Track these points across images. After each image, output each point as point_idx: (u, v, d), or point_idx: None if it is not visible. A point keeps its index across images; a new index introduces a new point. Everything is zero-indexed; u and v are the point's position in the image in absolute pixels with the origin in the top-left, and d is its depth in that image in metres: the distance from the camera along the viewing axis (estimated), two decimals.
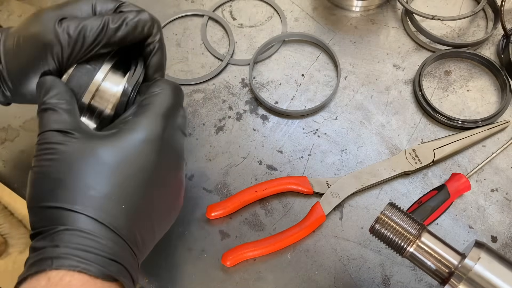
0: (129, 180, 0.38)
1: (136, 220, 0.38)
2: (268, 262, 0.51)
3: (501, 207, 0.53)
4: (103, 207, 0.36)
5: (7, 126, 0.61)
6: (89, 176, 0.37)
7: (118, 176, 0.38)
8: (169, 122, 0.42)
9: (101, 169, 0.37)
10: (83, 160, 0.37)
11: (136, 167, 0.39)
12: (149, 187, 0.39)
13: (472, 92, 0.61)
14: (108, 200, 0.37)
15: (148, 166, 0.39)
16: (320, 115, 0.60)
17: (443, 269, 0.39)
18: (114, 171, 0.38)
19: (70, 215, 0.35)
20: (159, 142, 0.40)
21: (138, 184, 0.38)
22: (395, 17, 0.67)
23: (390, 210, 0.41)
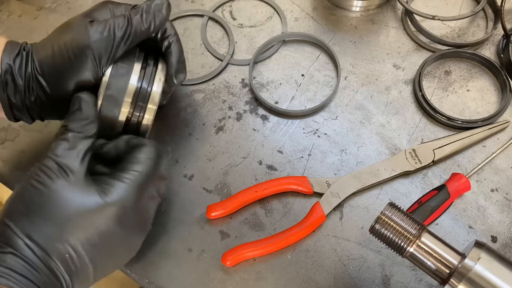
0: (82, 238, 0.40)
1: (73, 272, 0.41)
2: (268, 262, 0.51)
3: (501, 207, 0.53)
4: (49, 248, 0.39)
5: (7, 126, 0.61)
6: (52, 218, 0.40)
7: (75, 231, 0.40)
8: (145, 193, 0.44)
9: (63, 218, 0.40)
10: (54, 203, 0.40)
11: (94, 230, 0.41)
12: (98, 252, 0.42)
13: (472, 92, 0.61)
14: (56, 243, 0.40)
15: (106, 235, 0.42)
16: (320, 115, 0.60)
17: (443, 269, 0.39)
18: (74, 225, 0.40)
19: (21, 244, 0.39)
20: (129, 213, 0.43)
21: (89, 245, 0.41)
22: (395, 17, 0.67)
23: (390, 210, 0.42)
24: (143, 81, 0.48)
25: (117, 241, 0.43)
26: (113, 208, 0.42)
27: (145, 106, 0.48)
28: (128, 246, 0.46)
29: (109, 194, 0.42)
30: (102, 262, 0.43)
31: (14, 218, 0.40)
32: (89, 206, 0.41)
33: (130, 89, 0.47)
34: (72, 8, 0.70)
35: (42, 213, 0.40)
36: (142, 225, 0.46)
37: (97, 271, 0.43)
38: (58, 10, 0.70)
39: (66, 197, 0.41)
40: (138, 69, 0.48)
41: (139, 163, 0.44)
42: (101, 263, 0.43)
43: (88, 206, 0.41)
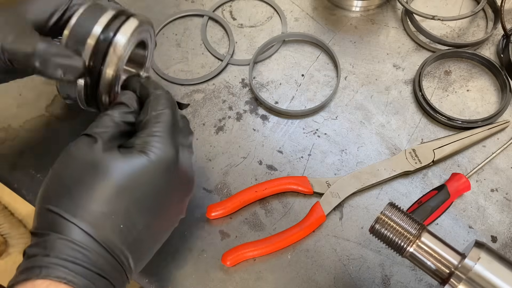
0: (133, 203, 0.38)
1: (131, 243, 0.38)
2: (268, 262, 0.51)
3: (501, 207, 0.54)
4: (100, 224, 0.37)
5: (7, 126, 0.61)
6: (96, 192, 0.37)
7: (124, 197, 0.38)
8: (178, 142, 0.42)
9: (109, 188, 0.38)
10: (95, 175, 0.38)
11: (143, 193, 0.39)
12: (151, 214, 0.40)
13: (472, 92, 0.61)
14: (107, 218, 0.37)
15: (155, 193, 0.40)
16: (320, 115, 0.60)
17: (443, 269, 0.39)
18: (121, 192, 0.38)
19: (67, 225, 0.36)
20: (172, 168, 0.41)
21: (141, 209, 0.39)
22: (395, 17, 0.67)
23: (390, 210, 0.41)
24: (108, 30, 0.43)
25: (168, 200, 0.41)
26: (158, 164, 0.39)
27: (105, 56, 0.43)
28: (178, 205, 0.43)
29: (148, 151, 0.39)
30: (157, 227, 0.41)
31: (54, 200, 0.37)
32: (133, 170, 0.38)
33: (92, 34, 0.43)
34: None
35: (84, 188, 0.37)
36: (186, 182, 0.44)
37: (153, 238, 0.41)
38: None
39: (106, 165, 0.38)
40: (105, 20, 0.44)
41: (159, 113, 0.42)
42: (156, 228, 0.41)
43: (132, 170, 0.38)
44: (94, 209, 0.37)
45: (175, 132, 0.42)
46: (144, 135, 0.41)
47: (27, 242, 1.60)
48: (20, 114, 0.62)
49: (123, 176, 0.38)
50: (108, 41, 0.43)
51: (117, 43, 0.43)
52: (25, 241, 1.53)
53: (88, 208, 0.37)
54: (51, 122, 0.61)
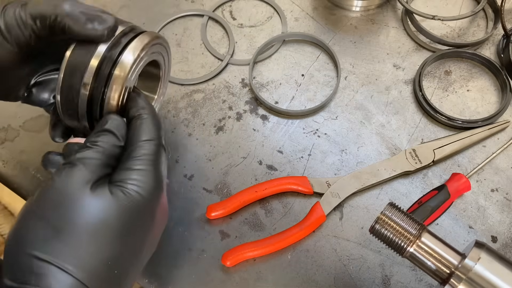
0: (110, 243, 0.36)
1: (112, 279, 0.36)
2: (268, 262, 0.51)
3: (501, 207, 0.53)
4: (87, 267, 0.34)
5: (7, 126, 0.61)
6: (80, 234, 0.35)
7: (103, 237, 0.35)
8: (162, 176, 0.40)
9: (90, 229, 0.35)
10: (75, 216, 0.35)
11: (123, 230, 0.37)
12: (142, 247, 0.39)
13: (472, 92, 0.61)
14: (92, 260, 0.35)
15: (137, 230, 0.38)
16: (320, 115, 0.60)
17: (443, 269, 0.39)
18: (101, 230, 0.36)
19: (59, 273, 0.33)
20: (152, 206, 0.39)
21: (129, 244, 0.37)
22: (395, 17, 0.67)
23: (390, 210, 0.41)
24: (111, 50, 0.40)
25: (149, 235, 0.39)
26: (141, 202, 0.37)
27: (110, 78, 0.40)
28: (157, 238, 0.42)
29: (125, 189, 0.37)
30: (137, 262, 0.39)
31: (36, 245, 0.34)
32: (117, 208, 0.36)
33: (92, 64, 0.40)
34: None
35: (69, 229, 0.34)
36: (164, 213, 0.42)
37: (129, 276, 0.38)
38: None
39: (86, 204, 0.35)
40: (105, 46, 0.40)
41: (142, 143, 0.39)
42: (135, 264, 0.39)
43: (116, 209, 0.36)
44: (79, 253, 0.34)
45: (158, 164, 0.39)
46: (124, 169, 0.38)
47: None
48: (20, 114, 0.62)
49: (103, 215, 0.36)
50: (113, 60, 0.40)
51: (123, 62, 0.40)
52: None
53: (72, 253, 0.34)
54: None
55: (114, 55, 0.40)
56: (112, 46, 0.41)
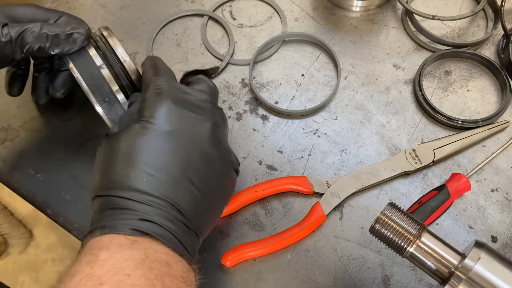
0: (161, 158, 0.41)
1: (172, 187, 0.40)
2: (268, 262, 0.51)
3: (501, 207, 0.53)
4: (140, 183, 0.39)
5: (7, 126, 0.61)
6: (128, 165, 0.41)
7: (154, 158, 0.41)
8: (178, 97, 0.44)
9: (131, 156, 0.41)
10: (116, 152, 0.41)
11: (168, 145, 0.41)
12: (181, 159, 0.41)
13: (472, 92, 0.61)
14: (144, 177, 0.40)
15: (177, 140, 0.42)
16: (320, 115, 0.60)
17: (443, 269, 0.39)
18: (150, 155, 0.41)
19: (122, 196, 0.39)
20: (177, 116, 0.43)
21: (170, 160, 0.41)
22: (395, 17, 0.67)
23: (390, 210, 0.41)
24: (107, 57, 0.50)
25: (217, 158, 0.43)
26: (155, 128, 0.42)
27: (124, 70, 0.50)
28: (227, 164, 0.45)
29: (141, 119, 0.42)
30: (211, 188, 0.43)
31: (113, 187, 0.40)
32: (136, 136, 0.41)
33: (104, 71, 0.49)
34: (72, 8, 0.69)
35: (120, 166, 0.40)
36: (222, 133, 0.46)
37: (207, 199, 0.42)
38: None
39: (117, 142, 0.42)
40: (94, 52, 0.49)
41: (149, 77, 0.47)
42: (210, 189, 0.42)
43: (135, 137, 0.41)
44: (128, 178, 0.39)
45: (169, 85, 0.45)
46: (146, 101, 0.44)
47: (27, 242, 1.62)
48: (20, 114, 0.62)
49: (135, 144, 0.41)
50: (115, 60, 0.50)
51: (124, 57, 0.50)
52: (25, 241, 1.53)
53: (124, 180, 0.40)
54: (51, 122, 0.61)
55: (110, 52, 0.50)
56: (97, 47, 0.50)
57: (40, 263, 1.49)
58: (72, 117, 0.61)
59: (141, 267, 0.35)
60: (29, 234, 1.53)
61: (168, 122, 0.42)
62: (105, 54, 0.50)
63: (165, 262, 0.36)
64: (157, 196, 0.39)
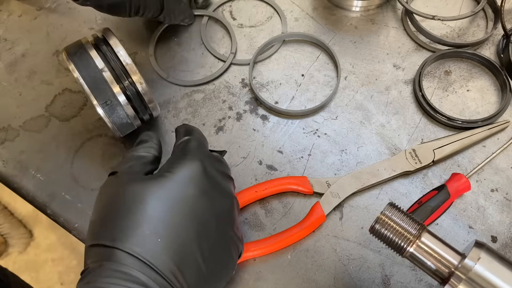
0: (169, 217, 0.38)
1: (180, 258, 0.37)
2: (268, 262, 0.51)
3: (501, 207, 0.54)
4: (142, 243, 0.36)
5: (7, 126, 0.61)
6: (132, 216, 0.37)
7: (157, 215, 0.37)
8: (208, 162, 0.42)
9: (140, 209, 0.37)
10: (121, 202, 0.38)
11: (176, 205, 0.38)
12: (193, 225, 0.38)
13: (472, 92, 0.61)
14: (148, 238, 0.36)
15: (189, 204, 0.39)
16: (320, 115, 0.60)
17: (443, 269, 0.39)
18: (153, 210, 0.37)
19: (113, 252, 0.36)
20: (200, 176, 0.40)
21: (184, 224, 0.38)
22: (395, 17, 0.67)
23: (390, 210, 0.41)
24: (108, 59, 0.50)
25: (208, 212, 0.40)
26: (183, 175, 0.39)
27: (127, 74, 0.50)
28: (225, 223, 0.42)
29: (171, 169, 0.40)
30: (206, 243, 0.39)
31: (93, 237, 0.37)
32: (158, 186, 0.38)
33: (102, 69, 0.49)
34: (72, 8, 0.70)
35: (119, 216, 0.37)
36: (221, 191, 0.42)
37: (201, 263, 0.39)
38: (58, 10, 0.70)
39: (131, 190, 0.38)
40: (95, 53, 0.50)
41: (182, 140, 0.45)
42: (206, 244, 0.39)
43: (157, 187, 0.38)
44: (134, 233, 0.36)
45: (199, 148, 0.44)
46: (169, 160, 0.42)
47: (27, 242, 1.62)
48: (20, 114, 0.62)
49: (147, 195, 0.38)
50: (117, 62, 0.50)
51: (125, 59, 0.50)
52: (25, 241, 1.53)
53: (128, 233, 0.36)
54: (51, 122, 0.61)
55: (111, 54, 0.50)
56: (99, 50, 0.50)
57: (40, 263, 1.49)
58: (72, 117, 0.61)
59: None
60: (29, 234, 1.53)
61: (191, 184, 0.39)
62: (107, 56, 0.50)
63: None
64: (157, 269, 0.36)
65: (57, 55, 0.66)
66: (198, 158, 0.41)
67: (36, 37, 0.67)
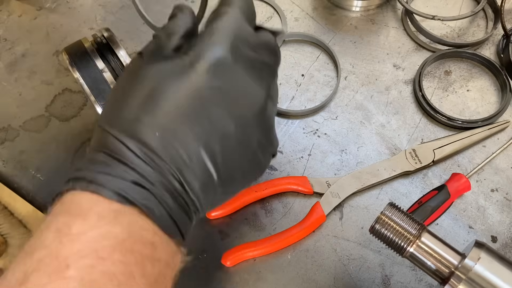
0: (178, 109, 0.33)
1: (178, 156, 0.32)
2: (268, 262, 0.51)
3: (501, 207, 0.53)
4: (144, 137, 0.32)
5: (7, 126, 0.61)
6: (136, 100, 0.33)
7: (168, 103, 0.33)
8: (241, 47, 0.35)
9: (149, 94, 0.33)
10: (136, 84, 0.34)
11: (189, 97, 0.33)
12: (206, 126, 0.33)
13: (472, 92, 0.61)
14: (149, 129, 0.32)
15: (209, 100, 0.33)
16: (320, 115, 0.60)
17: (443, 269, 0.39)
18: (165, 97, 0.33)
19: (116, 142, 0.32)
20: (228, 72, 0.34)
21: (187, 117, 0.33)
22: (395, 17, 0.67)
23: (390, 210, 0.41)
24: (109, 60, 0.50)
25: (255, 140, 0.35)
26: (201, 63, 0.33)
27: None
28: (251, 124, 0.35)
29: (191, 51, 0.34)
30: (228, 162, 0.34)
31: (113, 123, 0.33)
32: (172, 71, 0.33)
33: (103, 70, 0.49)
34: (72, 8, 0.70)
35: (129, 99, 0.33)
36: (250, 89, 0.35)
37: (223, 177, 0.34)
38: (58, 10, 0.70)
39: (144, 72, 0.34)
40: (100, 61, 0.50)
41: (217, 14, 0.37)
42: (227, 164, 0.34)
43: (170, 71, 0.33)
44: (132, 122, 0.32)
45: (234, 24, 0.36)
46: (195, 40, 0.35)
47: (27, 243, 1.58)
48: (20, 114, 0.62)
49: (156, 82, 0.33)
50: (117, 63, 0.50)
51: (126, 60, 0.50)
52: (25, 241, 1.53)
53: (126, 121, 0.32)
54: (51, 122, 0.61)
55: (111, 55, 0.50)
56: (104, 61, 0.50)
57: None
58: (72, 117, 0.61)
59: (120, 249, 0.29)
60: (29, 234, 1.53)
61: (213, 73, 0.33)
62: (107, 57, 0.50)
63: (150, 243, 0.30)
64: (162, 159, 0.31)
65: (57, 55, 0.66)
66: (227, 45, 0.34)
67: (36, 37, 0.67)
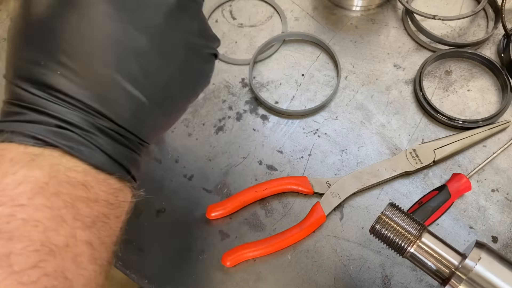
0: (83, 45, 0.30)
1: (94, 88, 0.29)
2: (268, 262, 0.51)
3: (502, 207, 0.53)
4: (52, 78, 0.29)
5: None
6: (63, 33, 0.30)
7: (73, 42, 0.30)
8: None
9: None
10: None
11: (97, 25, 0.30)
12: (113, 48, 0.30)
13: (472, 92, 0.60)
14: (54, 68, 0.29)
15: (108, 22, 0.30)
16: (320, 115, 0.60)
17: (443, 270, 0.39)
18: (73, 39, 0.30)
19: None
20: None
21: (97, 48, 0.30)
22: (396, 17, 0.67)
23: (391, 210, 0.41)
24: None
25: (179, 38, 0.32)
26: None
27: None
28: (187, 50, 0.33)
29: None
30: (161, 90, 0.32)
31: (20, 75, 0.30)
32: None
33: None
34: None
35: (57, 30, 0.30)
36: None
37: (158, 106, 0.32)
38: None
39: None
40: None
41: None
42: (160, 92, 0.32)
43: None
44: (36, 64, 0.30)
45: None
46: None
47: None
48: None
49: (51, 13, 0.31)
50: None
51: None
52: None
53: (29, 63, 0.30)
54: None
55: None
56: None
57: None
58: None
59: (42, 192, 0.26)
60: None
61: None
62: None
63: (80, 183, 0.28)
64: (77, 99, 0.29)
65: None
66: None
67: None
